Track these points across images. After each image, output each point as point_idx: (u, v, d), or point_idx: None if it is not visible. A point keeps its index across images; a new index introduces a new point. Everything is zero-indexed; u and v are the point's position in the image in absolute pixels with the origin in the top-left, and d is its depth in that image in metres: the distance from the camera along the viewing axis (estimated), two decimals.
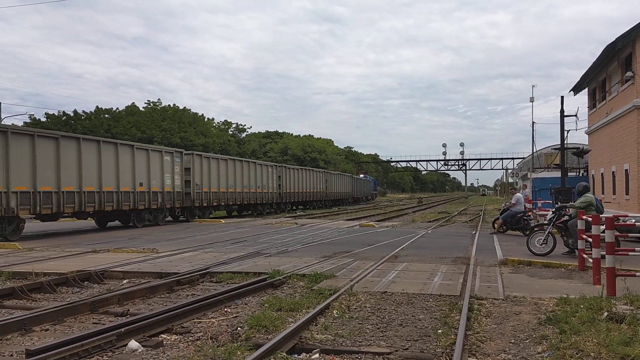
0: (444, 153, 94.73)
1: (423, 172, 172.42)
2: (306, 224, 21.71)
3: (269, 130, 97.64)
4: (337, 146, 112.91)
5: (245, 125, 79.73)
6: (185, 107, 66.70)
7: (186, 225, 21.47)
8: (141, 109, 64.10)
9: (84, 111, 61.81)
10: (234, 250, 12.11)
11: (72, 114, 60.99)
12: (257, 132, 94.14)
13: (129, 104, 68.32)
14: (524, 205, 17.07)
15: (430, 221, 25.03)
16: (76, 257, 11.08)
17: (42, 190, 15.91)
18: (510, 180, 77.79)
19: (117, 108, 64.09)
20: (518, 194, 17.00)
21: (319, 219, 27.53)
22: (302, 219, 26.60)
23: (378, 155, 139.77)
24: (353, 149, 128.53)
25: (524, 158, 73.42)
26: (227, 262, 10.15)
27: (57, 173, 16.43)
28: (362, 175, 71.67)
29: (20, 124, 51.89)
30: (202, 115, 69.86)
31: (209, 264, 9.93)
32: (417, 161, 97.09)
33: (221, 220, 24.17)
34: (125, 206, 19.49)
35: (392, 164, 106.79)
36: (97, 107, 62.70)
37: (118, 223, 21.62)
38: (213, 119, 78.85)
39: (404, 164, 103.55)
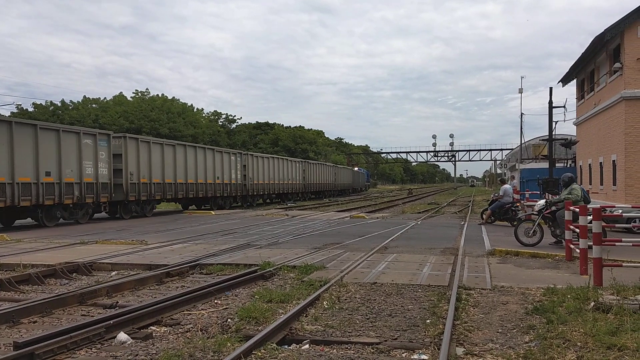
0: (434, 144, 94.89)
1: (413, 164, 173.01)
2: (297, 215, 21.69)
3: (260, 121, 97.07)
4: (328, 137, 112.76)
5: (235, 116, 79.20)
6: (174, 97, 66.20)
7: (175, 217, 21.38)
8: (129, 98, 63.47)
9: (71, 101, 61.19)
10: (224, 242, 12.08)
11: (59, 104, 60.23)
12: (247, 123, 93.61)
13: (117, 93, 67.45)
14: (512, 196, 17.18)
15: (419, 212, 25.12)
16: (64, 249, 10.98)
17: None
18: (499, 171, 78.25)
19: (105, 98, 63.47)
20: (506, 186, 17.11)
21: (310, 210, 27.52)
22: (293, 210, 26.54)
23: (369, 147, 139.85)
24: (344, 140, 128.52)
25: (512, 149, 73.86)
26: (217, 254, 10.12)
27: None
28: (356, 169, 72.82)
29: (7, 114, 51.05)
30: (192, 105, 69.45)
31: (199, 255, 9.89)
32: (407, 152, 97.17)
33: (211, 212, 24.06)
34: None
35: (382, 155, 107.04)
36: (84, 96, 61.98)
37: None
38: (202, 109, 78.44)
39: (394, 156, 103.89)
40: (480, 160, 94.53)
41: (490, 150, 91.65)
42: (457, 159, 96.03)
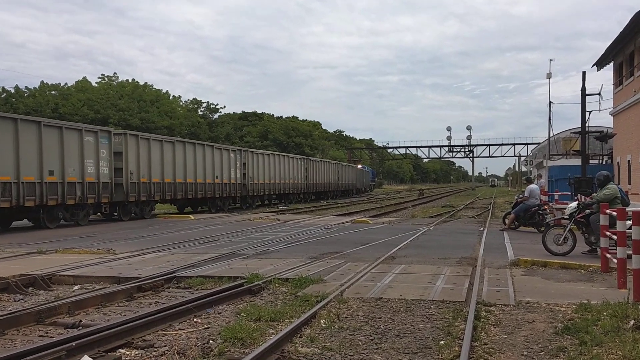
0: (449, 138, 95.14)
1: (424, 160, 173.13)
2: (290, 220, 21.82)
3: (246, 111, 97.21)
4: (325, 130, 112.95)
5: (217, 104, 78.78)
6: (146, 83, 66.22)
7: (148, 222, 21.43)
8: (94, 84, 63.42)
9: (27, 87, 60.89)
10: (205, 251, 12.14)
11: (12, 91, 59.96)
12: (231, 112, 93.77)
13: (80, 78, 67.25)
14: (539, 198, 17.26)
15: (432, 216, 25.27)
16: (19, 259, 10.98)
17: None
18: (524, 168, 78.54)
19: (66, 83, 63.31)
20: (532, 186, 17.18)
21: (304, 214, 27.64)
22: (285, 214, 26.76)
23: (373, 141, 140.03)
24: (344, 133, 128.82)
25: (539, 143, 74.15)
26: (197, 265, 10.16)
27: None
28: (360, 166, 73.57)
29: None
30: (167, 92, 69.41)
31: (176, 267, 9.91)
32: (417, 147, 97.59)
33: (190, 216, 24.14)
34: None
35: (389, 150, 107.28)
36: (42, 82, 61.74)
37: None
38: (180, 97, 78.26)
39: (402, 151, 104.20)
40: (502, 156, 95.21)
41: (514, 144, 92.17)
42: (475, 155, 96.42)
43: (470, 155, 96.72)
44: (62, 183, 19.03)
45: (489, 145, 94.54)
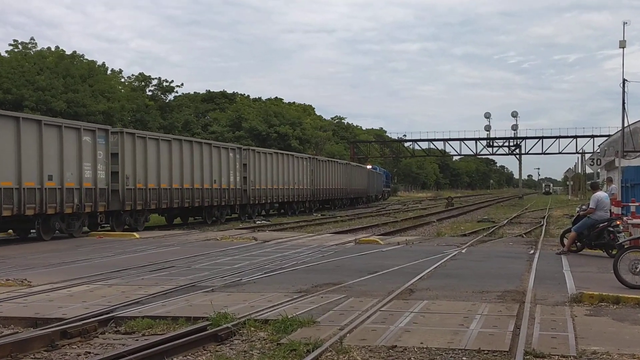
0: (487, 128, 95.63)
1: (454, 158, 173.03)
2: (271, 239, 21.96)
3: (212, 91, 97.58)
4: (320, 116, 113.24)
5: (173, 81, 78.53)
6: (75, 53, 66.02)
7: (77, 243, 21.43)
8: (3, 54, 63.25)
9: None
10: (155, 282, 12.16)
11: None
12: (192, 92, 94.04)
13: None
14: (609, 211, 17.30)
15: (464, 235, 25.42)
16: None
17: None
18: (589, 170, 78.69)
19: None
20: (599, 194, 17.24)
21: (291, 231, 27.79)
22: (265, 231, 26.89)
23: (384, 132, 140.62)
24: (345, 121, 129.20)
25: (609, 136, 74.55)
26: (144, 301, 10.16)
27: None
28: (370, 167, 74.27)
29: None
30: (103, 65, 69.45)
31: (114, 304, 9.91)
32: (444, 140, 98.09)
33: (134, 234, 24.15)
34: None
35: (406, 144, 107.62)
36: None
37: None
38: (121, 71, 78.36)
39: (424, 145, 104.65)
40: (560, 152, 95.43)
41: (575, 137, 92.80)
42: (523, 151, 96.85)
43: (517, 151, 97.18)
44: (61, 189, 22.40)
45: (542, 138, 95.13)
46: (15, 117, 21.34)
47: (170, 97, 79.02)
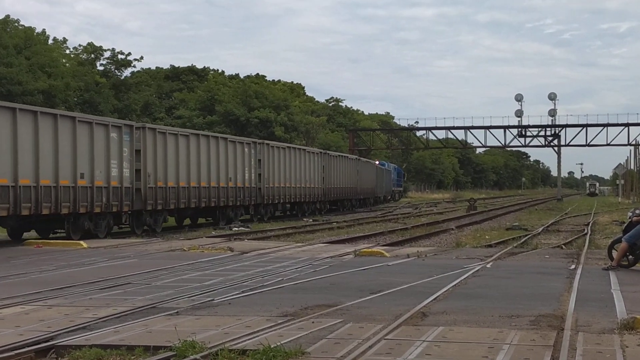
0: (519, 114, 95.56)
1: (478, 151, 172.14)
2: (251, 250, 21.95)
3: (179, 66, 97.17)
4: (311, 97, 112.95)
5: (129, 54, 78.13)
6: (8, 17, 65.72)
7: (9, 253, 21.35)
8: None
9: None
10: (107, 303, 12.12)
11: None
12: (154, 68, 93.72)
13: None
14: None
15: (490, 245, 25.41)
16: None
17: None
18: None
19: None
20: None
21: (275, 240, 27.77)
22: (244, 240, 26.87)
23: (392, 117, 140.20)
24: (343, 104, 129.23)
25: None
26: (92, 327, 10.11)
27: None
28: (377, 163, 74.90)
29: None
30: (44, 33, 69.18)
31: (56, 329, 9.84)
32: (466, 128, 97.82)
33: (81, 242, 24.18)
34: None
35: (418, 133, 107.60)
36: None
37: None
38: (65, 40, 77.74)
39: (440, 135, 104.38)
40: (608, 144, 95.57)
41: (627, 124, 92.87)
42: (562, 143, 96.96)
43: (555, 142, 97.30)
44: (92, 187, 27.34)
45: (586, 126, 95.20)
46: (33, 112, 25.55)
47: (127, 73, 78.94)
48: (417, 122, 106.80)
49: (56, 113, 26.64)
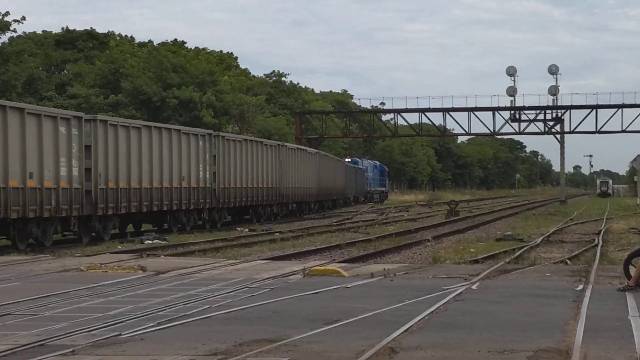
0: (512, 92, 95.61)
1: (460, 139, 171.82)
2: (168, 269, 21.86)
3: (74, 29, 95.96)
4: (246, 70, 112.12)
5: (7, 14, 76.91)
6: None
7: None
8: None
9: None
10: None
11: None
12: (39, 32, 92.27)
13: None
14: None
15: (476, 261, 25.54)
16: None
17: None
18: None
19: None
20: None
21: (201, 256, 27.83)
22: (159, 256, 26.88)
23: (350, 97, 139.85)
24: (288, 79, 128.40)
25: None
26: None
27: None
28: (348, 160, 75.47)
29: None
30: None
31: None
32: (445, 111, 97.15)
33: None
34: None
35: (384, 117, 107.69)
36: None
37: None
38: None
39: (412, 118, 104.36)
40: (624, 131, 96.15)
41: None
42: (567, 129, 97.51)
43: (557, 128, 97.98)
44: (41, 189, 30.08)
45: (596, 107, 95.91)
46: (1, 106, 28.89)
47: (4, 38, 77.78)
48: (382, 104, 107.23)
49: (5, 104, 29.28)
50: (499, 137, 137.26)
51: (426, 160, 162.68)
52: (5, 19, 73.29)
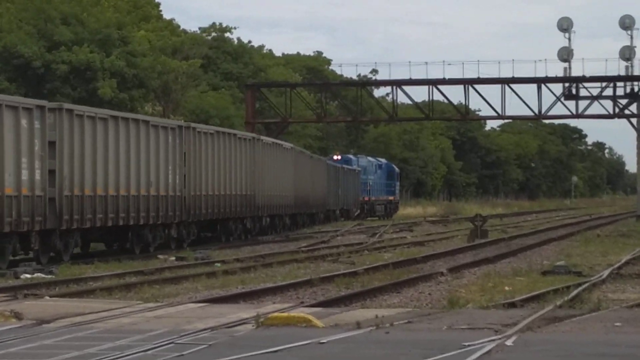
0: (565, 55, 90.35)
1: (489, 125, 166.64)
2: (57, 316, 19.72)
3: None
4: (172, 22, 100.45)
5: None
6: None
7: None
8: None
9: None
10: None
11: None
12: None
13: None
14: None
15: (512, 304, 23.62)
16: None
17: None
18: None
19: None
20: None
21: (106, 296, 25.87)
22: (43, 297, 25.04)
23: (328, 61, 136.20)
24: (234, 36, 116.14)
25: None
26: None
27: None
28: (337, 157, 73.82)
29: None
30: None
31: None
32: (467, 83, 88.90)
33: None
34: None
35: (376, 92, 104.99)
36: None
37: None
38: None
39: (419, 94, 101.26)
40: None
41: None
42: None
43: (631, 109, 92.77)
44: (1, 197, 30.17)
45: None
46: None
47: None
48: (374, 72, 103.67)
49: None
50: (547, 121, 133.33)
51: (439, 156, 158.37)
52: None
